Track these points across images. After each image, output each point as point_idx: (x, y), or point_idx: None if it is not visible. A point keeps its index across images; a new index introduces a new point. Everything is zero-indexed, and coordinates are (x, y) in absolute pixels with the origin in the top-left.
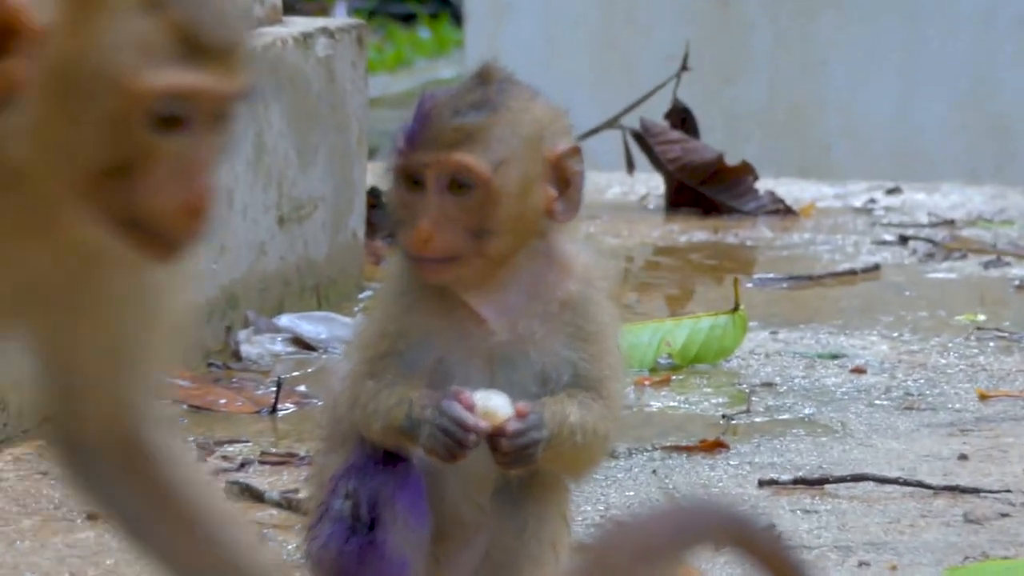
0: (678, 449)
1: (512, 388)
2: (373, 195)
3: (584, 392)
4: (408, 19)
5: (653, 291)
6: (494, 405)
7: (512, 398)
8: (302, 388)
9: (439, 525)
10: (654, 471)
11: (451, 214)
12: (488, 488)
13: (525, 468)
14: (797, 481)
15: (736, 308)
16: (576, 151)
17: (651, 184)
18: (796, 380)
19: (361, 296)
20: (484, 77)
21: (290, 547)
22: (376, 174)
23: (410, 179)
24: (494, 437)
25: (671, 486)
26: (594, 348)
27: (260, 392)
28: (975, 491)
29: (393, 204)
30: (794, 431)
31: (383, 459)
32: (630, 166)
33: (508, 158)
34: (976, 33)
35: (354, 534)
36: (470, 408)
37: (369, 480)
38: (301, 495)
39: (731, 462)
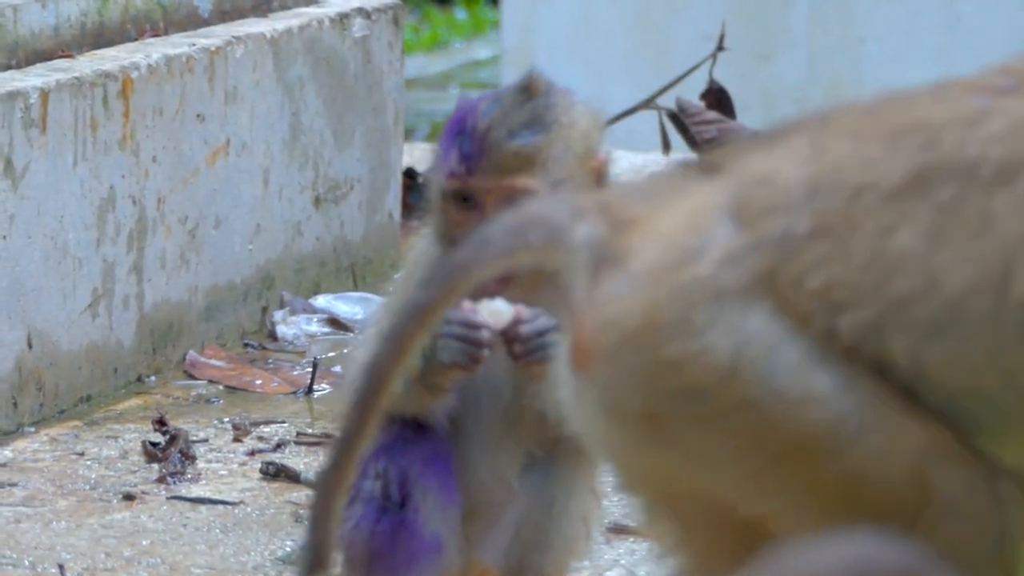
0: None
1: (536, 387)
2: (409, 176)
3: None
4: (444, 0)
5: None
6: (497, 307)
7: (533, 388)
8: (338, 369)
9: (468, 504)
10: None
11: None
12: (516, 466)
13: (542, 365)
14: None
15: None
16: (609, 155)
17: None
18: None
19: (397, 277)
20: (529, 90)
21: None
22: (413, 155)
23: (464, 199)
24: (511, 331)
25: None
26: None
27: (296, 373)
28: None
29: (443, 221)
30: None
31: (410, 438)
32: (666, 147)
33: (564, 177)
34: (1014, 11)
35: (385, 513)
36: (475, 312)
37: (397, 459)
38: None
39: None
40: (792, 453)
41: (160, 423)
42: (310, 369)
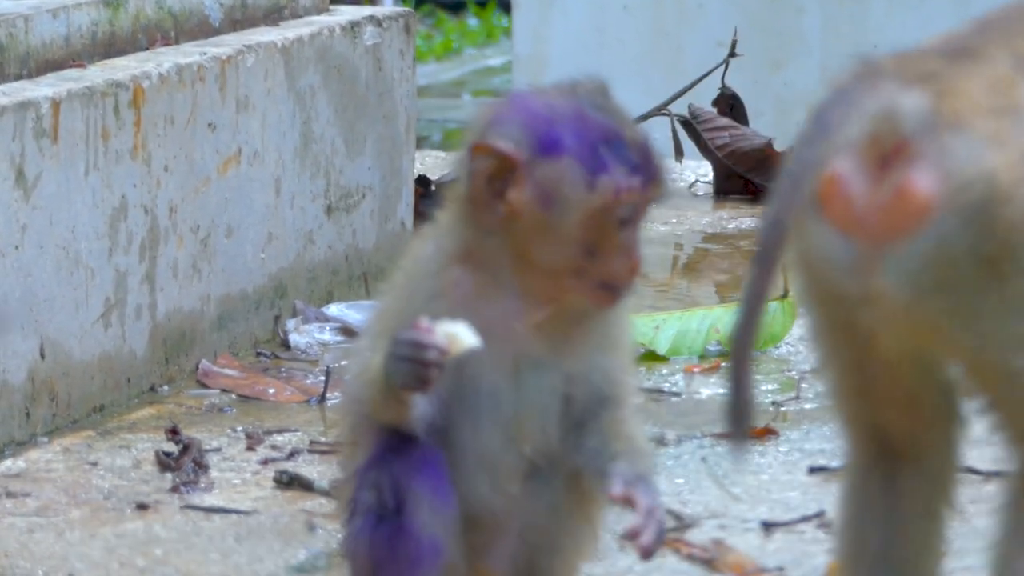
0: (728, 436)
1: (537, 392)
2: (421, 184)
3: (616, 405)
4: (456, 7)
5: (702, 278)
6: (455, 330)
7: (536, 404)
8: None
9: (472, 516)
10: (703, 458)
11: None
12: (518, 478)
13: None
14: None
15: (785, 295)
16: None
17: (700, 171)
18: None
19: (395, 280)
20: (606, 92)
21: (339, 537)
22: (424, 163)
23: (619, 212)
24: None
25: (720, 473)
26: (621, 354)
27: (309, 381)
28: None
29: (582, 239)
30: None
31: (399, 446)
32: (679, 153)
33: None
34: None
35: (382, 521)
36: (428, 331)
37: (389, 467)
38: None
39: (781, 449)
40: None
41: (173, 432)
42: (323, 378)
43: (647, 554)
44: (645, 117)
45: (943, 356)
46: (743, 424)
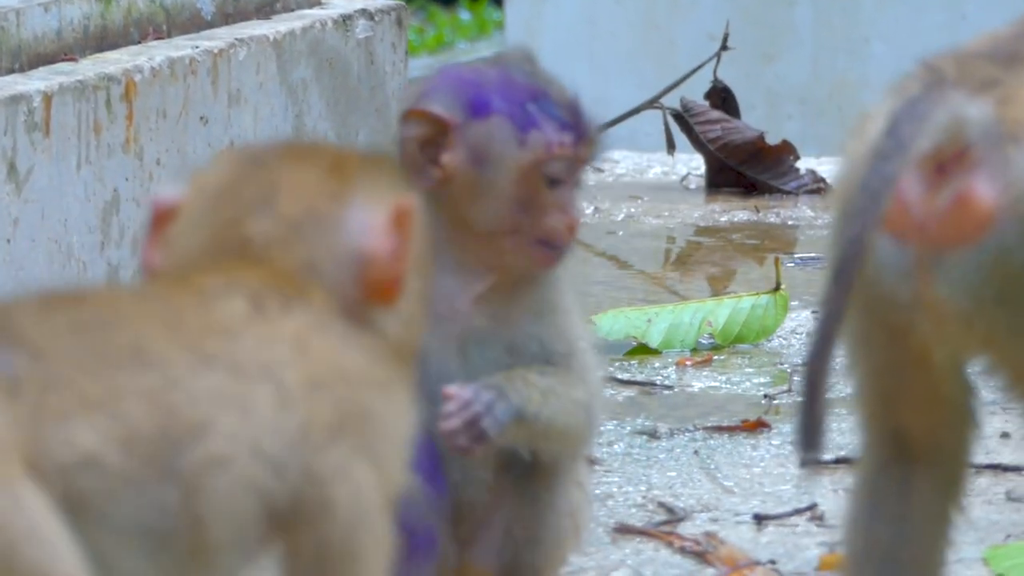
0: (720, 429)
1: (483, 367)
2: None
3: (551, 366)
4: (448, 1)
5: (694, 271)
6: None
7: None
8: None
9: (453, 508)
10: (696, 451)
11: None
12: (487, 464)
13: (480, 445)
14: (839, 460)
15: (777, 288)
16: None
17: (692, 164)
18: (837, 359)
19: None
20: (533, 60)
21: None
22: None
23: (552, 175)
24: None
25: (713, 466)
26: (559, 321)
27: None
28: (1017, 469)
29: (516, 196)
30: (836, 410)
31: None
32: (671, 146)
33: None
34: (1018, 10)
35: None
36: None
37: None
38: None
39: (773, 442)
40: None
41: None
42: None
43: (450, 444)
44: (637, 110)
45: (993, 362)
46: (815, 446)
